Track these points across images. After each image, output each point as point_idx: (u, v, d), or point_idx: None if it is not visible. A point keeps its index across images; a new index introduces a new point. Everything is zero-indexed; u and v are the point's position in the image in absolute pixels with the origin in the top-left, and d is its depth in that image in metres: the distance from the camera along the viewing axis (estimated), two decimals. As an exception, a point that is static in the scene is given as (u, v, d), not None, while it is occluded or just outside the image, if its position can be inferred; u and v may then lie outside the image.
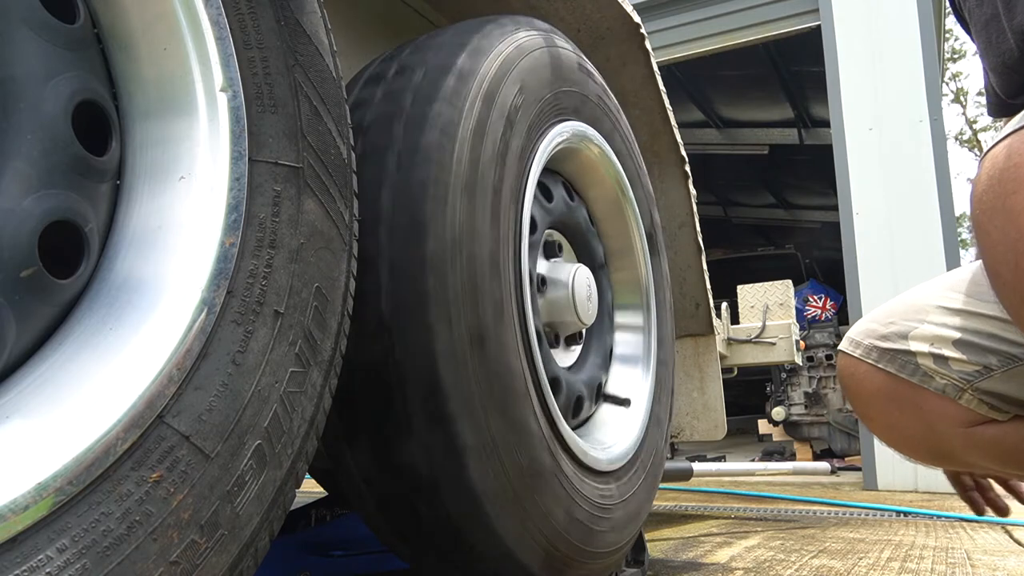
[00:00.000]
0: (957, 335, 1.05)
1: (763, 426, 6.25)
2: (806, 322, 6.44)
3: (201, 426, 0.65)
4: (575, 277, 1.41)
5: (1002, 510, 1.22)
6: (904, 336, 1.09)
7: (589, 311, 1.45)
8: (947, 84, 21.35)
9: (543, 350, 1.28)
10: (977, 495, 1.24)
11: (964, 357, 1.04)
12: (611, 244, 1.66)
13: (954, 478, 1.26)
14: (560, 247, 1.51)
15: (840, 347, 1.18)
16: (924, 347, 1.07)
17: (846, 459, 5.14)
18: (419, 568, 1.22)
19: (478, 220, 1.10)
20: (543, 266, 1.42)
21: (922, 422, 1.09)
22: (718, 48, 4.63)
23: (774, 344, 3.40)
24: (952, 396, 1.05)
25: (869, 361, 1.12)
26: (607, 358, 1.61)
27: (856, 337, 1.16)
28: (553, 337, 1.47)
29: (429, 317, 1.03)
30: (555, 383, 1.32)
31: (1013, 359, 1.02)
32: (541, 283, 1.40)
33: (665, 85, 2.15)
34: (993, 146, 0.85)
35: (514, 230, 1.19)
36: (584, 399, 1.46)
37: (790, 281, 3.81)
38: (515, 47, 1.27)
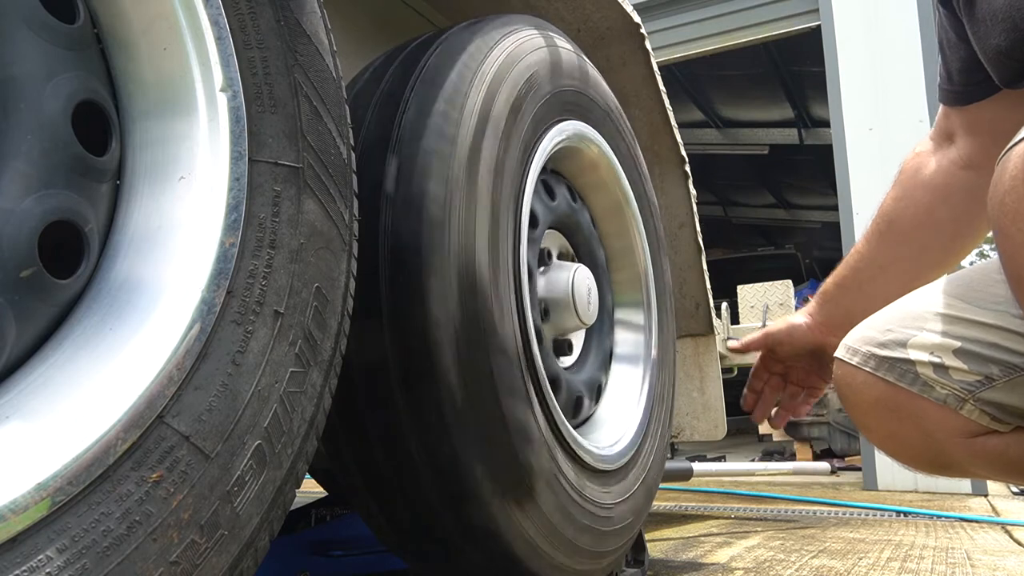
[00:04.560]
0: (957, 344, 1.02)
1: (763, 426, 6.25)
2: (806, 322, 6.41)
3: (201, 426, 0.65)
4: (575, 277, 1.41)
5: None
6: (903, 344, 1.05)
7: (589, 311, 1.45)
8: (947, 84, 21.26)
9: (543, 350, 1.28)
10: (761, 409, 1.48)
11: (965, 367, 1.01)
12: (611, 243, 1.66)
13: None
14: (560, 247, 1.51)
15: (836, 354, 1.14)
16: (924, 356, 1.03)
17: (846, 459, 5.14)
18: (419, 568, 1.22)
19: (478, 219, 1.10)
20: (543, 266, 1.42)
21: (922, 432, 1.06)
22: (718, 48, 4.62)
23: (774, 344, 3.39)
24: (953, 407, 1.02)
25: (867, 369, 1.08)
26: (607, 357, 1.61)
27: (853, 344, 1.11)
28: (553, 337, 1.47)
29: (429, 316, 1.03)
30: (555, 383, 1.32)
31: (1015, 368, 0.99)
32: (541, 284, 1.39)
33: (665, 85, 2.15)
34: (1011, 148, 0.82)
35: (513, 229, 1.19)
36: (584, 399, 1.46)
37: (790, 281, 3.81)
38: (515, 47, 1.28)
